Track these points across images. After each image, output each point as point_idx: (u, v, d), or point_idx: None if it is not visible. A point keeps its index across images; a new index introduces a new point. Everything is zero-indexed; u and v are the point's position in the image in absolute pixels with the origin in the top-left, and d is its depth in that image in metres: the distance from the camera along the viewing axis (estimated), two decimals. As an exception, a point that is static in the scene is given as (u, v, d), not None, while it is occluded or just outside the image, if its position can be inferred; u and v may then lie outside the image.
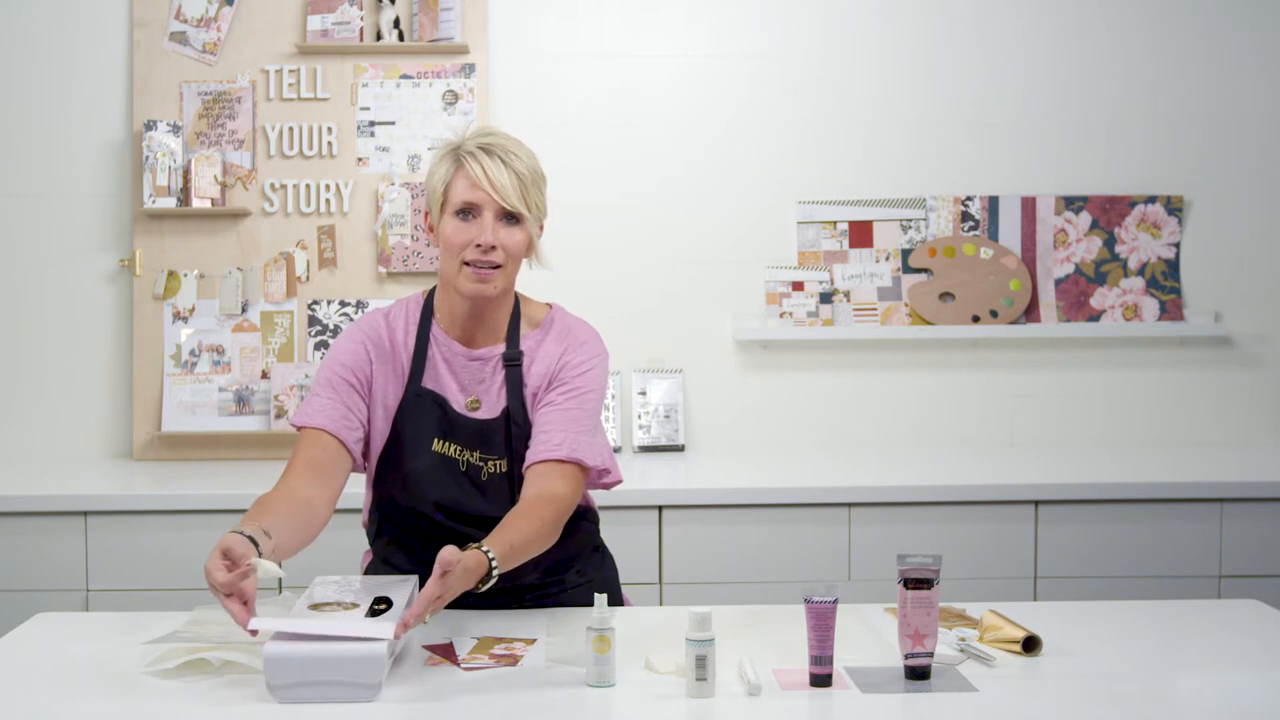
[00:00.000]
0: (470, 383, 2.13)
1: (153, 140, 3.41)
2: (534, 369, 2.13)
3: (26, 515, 2.93)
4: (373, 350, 2.12)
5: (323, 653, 1.69)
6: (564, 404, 2.09)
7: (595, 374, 2.13)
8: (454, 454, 2.10)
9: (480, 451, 2.10)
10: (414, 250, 3.45)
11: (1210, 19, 3.59)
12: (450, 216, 2.05)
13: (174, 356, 3.46)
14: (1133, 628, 2.06)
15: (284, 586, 2.91)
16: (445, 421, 2.10)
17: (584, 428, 2.09)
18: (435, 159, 2.10)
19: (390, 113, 3.49)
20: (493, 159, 2.03)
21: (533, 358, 2.13)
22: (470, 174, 2.03)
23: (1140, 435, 3.60)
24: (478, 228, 2.04)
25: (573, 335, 2.16)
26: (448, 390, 2.12)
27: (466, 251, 2.04)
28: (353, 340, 2.13)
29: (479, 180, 2.02)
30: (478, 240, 2.03)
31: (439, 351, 2.13)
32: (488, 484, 2.10)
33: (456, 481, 2.09)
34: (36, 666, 1.87)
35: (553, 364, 2.12)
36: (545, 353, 2.13)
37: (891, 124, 3.58)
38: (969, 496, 2.99)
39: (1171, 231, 3.59)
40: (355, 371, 2.10)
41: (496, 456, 2.10)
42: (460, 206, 2.04)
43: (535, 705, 1.71)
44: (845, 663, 1.84)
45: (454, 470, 2.09)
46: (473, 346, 2.13)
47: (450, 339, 2.13)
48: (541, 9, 3.55)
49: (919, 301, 3.55)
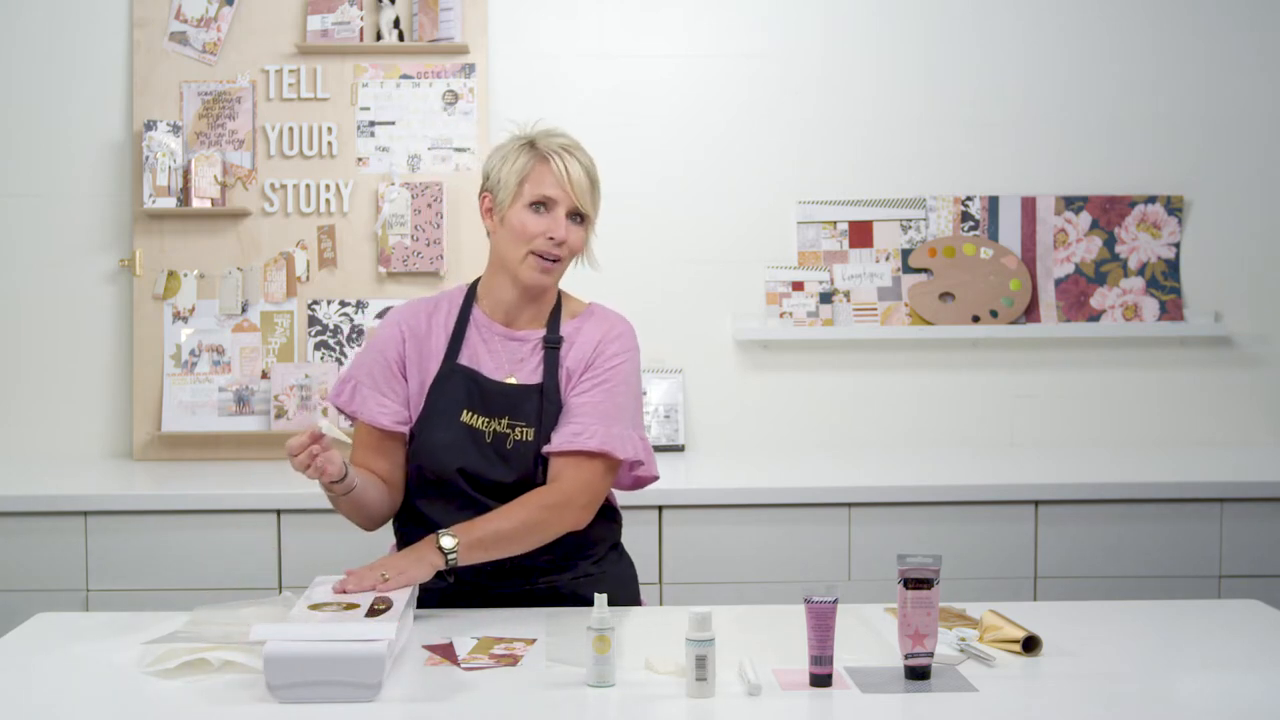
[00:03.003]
0: (508, 361, 2.22)
1: (153, 140, 3.41)
2: (572, 352, 2.22)
3: (26, 515, 2.93)
4: (408, 332, 2.24)
5: (323, 653, 1.69)
6: (593, 395, 2.18)
7: (627, 367, 2.23)
8: (480, 425, 2.17)
9: (509, 418, 2.17)
10: (414, 250, 3.45)
11: (1210, 19, 3.59)
12: (523, 208, 2.15)
13: (174, 356, 3.46)
14: (1133, 628, 2.06)
15: (284, 587, 2.91)
16: (476, 392, 2.19)
17: (614, 419, 2.17)
18: (504, 150, 2.20)
19: (390, 113, 3.49)
20: (572, 160, 2.16)
21: (572, 342, 2.23)
22: (553, 171, 2.15)
23: (1140, 435, 3.60)
24: (551, 221, 2.15)
25: (611, 326, 2.26)
26: (483, 365, 2.21)
27: (536, 242, 2.15)
28: (391, 325, 2.26)
29: (561, 178, 2.15)
30: (550, 233, 2.15)
31: (478, 332, 2.23)
32: (512, 453, 2.17)
33: (480, 451, 2.16)
34: (36, 666, 1.88)
35: (589, 350, 2.21)
36: (584, 338, 2.23)
37: (891, 124, 3.58)
38: (969, 496, 2.98)
39: (1171, 231, 3.59)
40: (392, 353, 2.23)
41: (524, 424, 2.17)
42: (537, 200, 2.15)
43: (535, 705, 1.71)
44: (845, 663, 1.84)
45: (479, 440, 2.17)
46: (514, 328, 2.23)
47: (491, 320, 2.24)
48: (541, 9, 3.55)
49: (919, 301, 3.55)
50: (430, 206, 3.45)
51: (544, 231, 2.15)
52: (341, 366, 3.45)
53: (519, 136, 2.21)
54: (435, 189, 3.45)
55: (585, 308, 2.30)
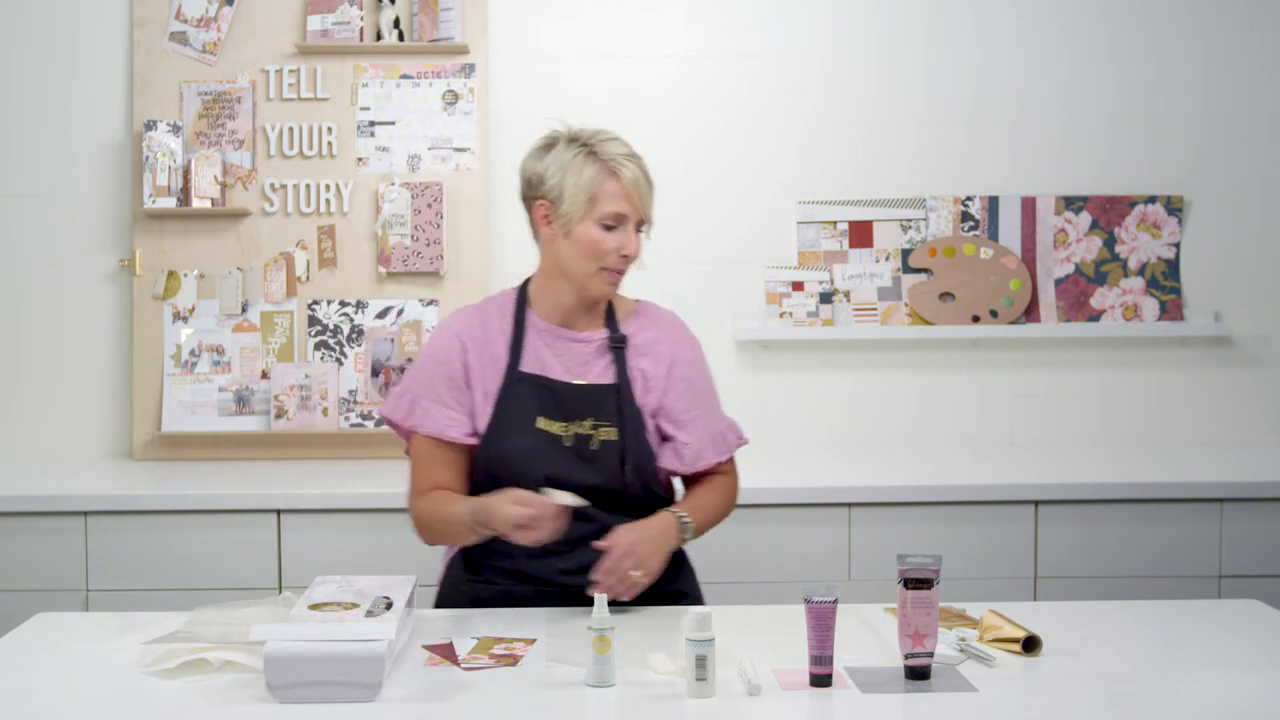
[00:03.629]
0: (574, 363, 2.21)
1: (153, 140, 3.41)
2: (639, 352, 2.24)
3: (26, 515, 2.93)
4: (469, 341, 2.21)
5: (323, 653, 1.69)
6: (697, 408, 2.25)
7: (704, 362, 2.33)
8: (558, 430, 2.16)
9: (592, 419, 2.18)
10: (414, 250, 3.45)
11: (1210, 19, 3.59)
12: (594, 224, 2.13)
13: (174, 356, 3.46)
14: (1133, 628, 2.07)
15: (284, 587, 2.91)
16: (550, 398, 2.17)
17: (721, 420, 2.29)
18: (562, 159, 2.15)
19: (390, 113, 3.49)
20: (637, 168, 2.15)
21: (634, 342, 2.25)
22: (624, 185, 2.13)
23: (1140, 435, 3.60)
24: (623, 236, 2.15)
25: (674, 326, 2.32)
26: (551, 370, 2.19)
27: (609, 258, 2.15)
28: (448, 333, 2.23)
29: (631, 193, 2.14)
30: (624, 250, 2.15)
31: (539, 336, 2.21)
32: (597, 454, 2.17)
33: (563, 456, 2.15)
34: (36, 666, 1.88)
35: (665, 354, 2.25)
36: (646, 337, 2.26)
37: (891, 124, 3.58)
38: (969, 496, 2.98)
39: (1171, 231, 3.59)
40: (454, 366, 2.19)
41: (608, 424, 2.18)
42: (610, 218, 2.13)
43: (535, 705, 1.71)
44: (845, 663, 1.84)
45: (558, 446, 2.16)
46: (574, 330, 2.23)
47: (551, 324, 2.22)
48: (541, 9, 3.55)
49: (919, 301, 3.55)
50: (430, 206, 3.45)
51: (617, 249, 2.14)
52: (341, 367, 3.45)
53: (573, 141, 2.16)
54: (435, 189, 3.45)
55: (635, 304, 2.32)
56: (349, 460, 3.43)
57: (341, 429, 3.43)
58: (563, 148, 2.16)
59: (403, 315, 3.47)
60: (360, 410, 3.44)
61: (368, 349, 3.47)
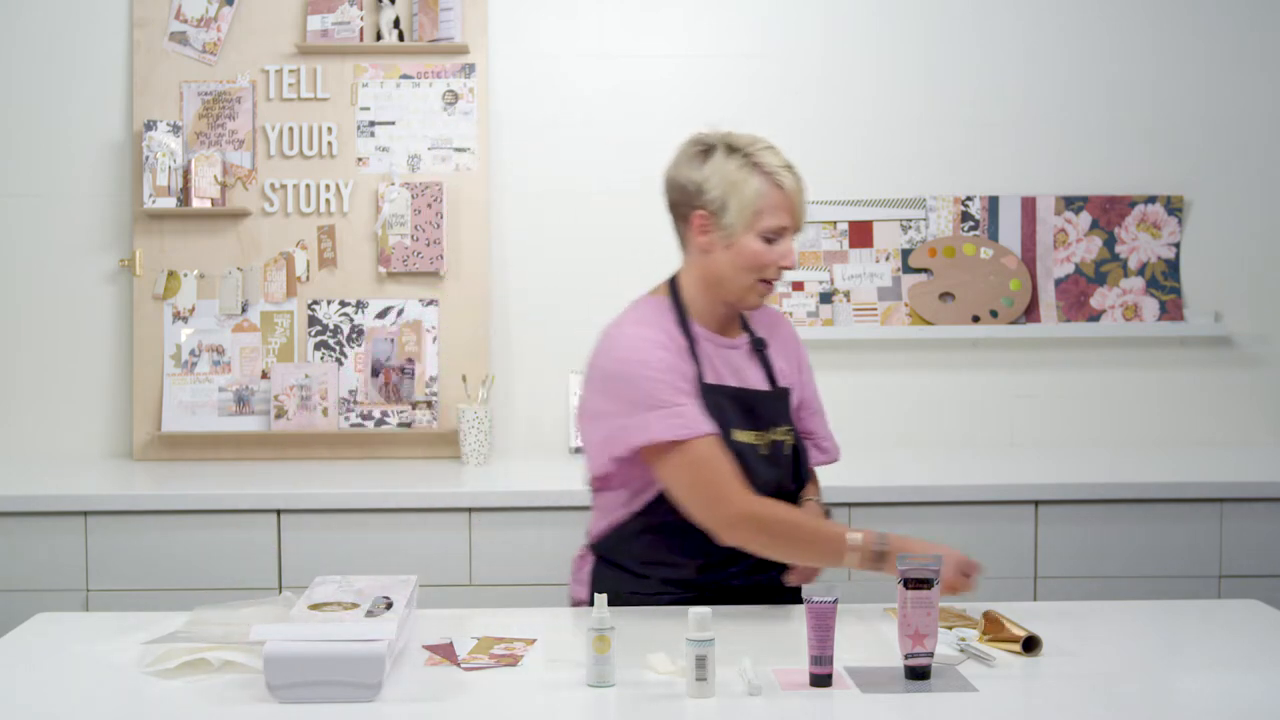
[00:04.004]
0: (736, 369, 2.21)
1: (153, 140, 3.41)
2: (772, 349, 2.28)
3: (26, 515, 2.93)
4: (675, 349, 2.13)
5: (323, 653, 1.69)
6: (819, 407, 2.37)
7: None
8: (753, 440, 2.16)
9: (785, 425, 2.22)
10: (414, 250, 3.45)
11: (1210, 19, 3.59)
12: (756, 237, 2.11)
13: (174, 356, 3.46)
14: (1133, 628, 2.07)
15: (284, 587, 2.91)
16: (740, 408, 2.16)
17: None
18: (723, 169, 2.10)
19: (390, 113, 3.49)
20: (795, 178, 2.13)
21: (768, 342, 2.28)
22: (787, 197, 2.11)
23: (1140, 435, 3.60)
24: (783, 248, 2.13)
25: (786, 322, 2.37)
26: (727, 379, 2.19)
27: (768, 270, 2.14)
28: (651, 346, 2.11)
29: (794, 205, 2.12)
30: (783, 261, 2.13)
31: (705, 346, 2.19)
32: (783, 458, 2.21)
33: (765, 465, 2.16)
34: (36, 666, 1.88)
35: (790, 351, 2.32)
36: (773, 334, 2.31)
37: (891, 124, 3.58)
38: (969, 496, 2.98)
39: (1171, 231, 3.59)
40: (682, 369, 2.11)
41: (789, 426, 2.24)
42: (772, 231, 2.11)
43: (535, 705, 1.71)
44: (845, 663, 1.84)
45: (754, 455, 2.15)
46: (727, 336, 2.23)
47: (710, 332, 2.21)
48: (541, 9, 3.55)
49: (919, 301, 3.55)
50: (430, 206, 3.45)
51: (776, 260, 2.13)
52: (341, 367, 3.45)
53: (732, 151, 2.11)
54: (435, 189, 3.45)
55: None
56: (349, 460, 3.43)
57: (341, 429, 3.43)
58: (722, 157, 2.11)
59: (403, 315, 3.47)
60: (360, 410, 3.44)
61: (368, 349, 3.47)
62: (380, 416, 3.44)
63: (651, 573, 2.19)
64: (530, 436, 3.54)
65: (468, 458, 3.31)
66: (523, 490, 2.98)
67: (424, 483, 3.10)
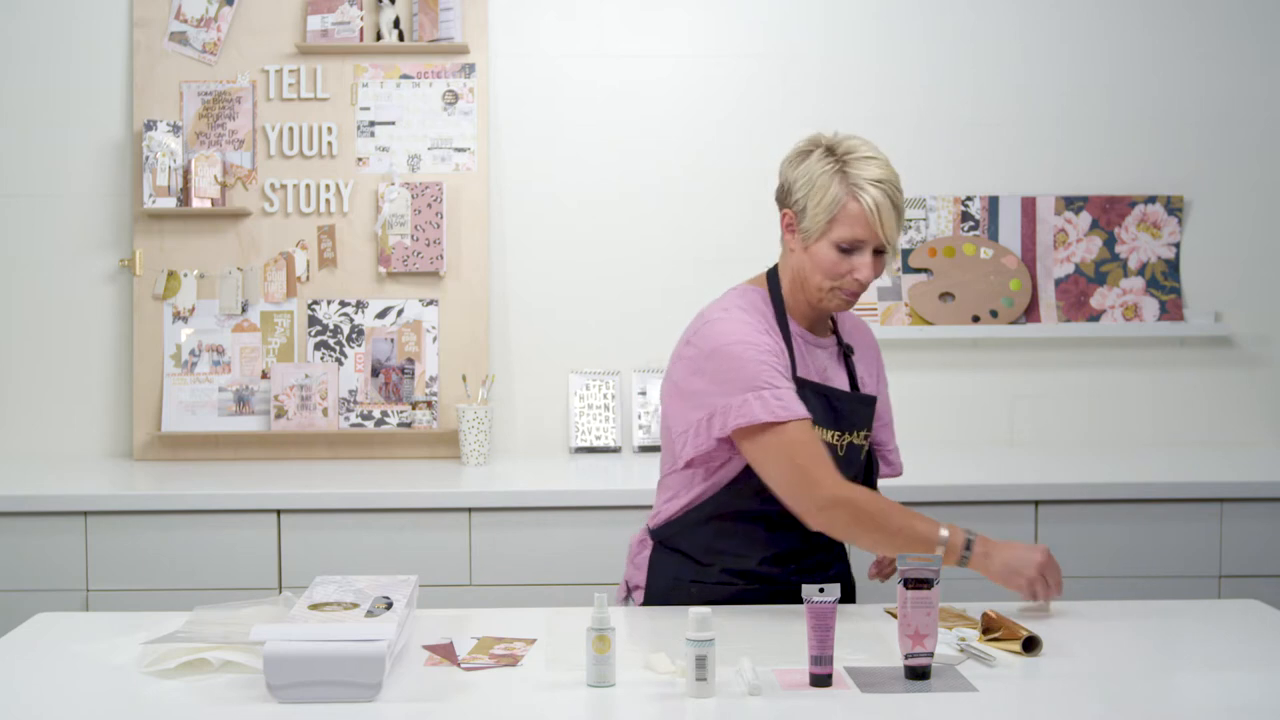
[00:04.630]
0: (821, 367, 2.23)
1: (153, 140, 3.41)
2: (857, 357, 2.31)
3: (26, 515, 2.93)
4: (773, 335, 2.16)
5: (323, 653, 1.69)
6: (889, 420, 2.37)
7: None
8: (832, 440, 2.18)
9: (865, 430, 2.23)
10: (414, 250, 3.45)
11: (1210, 19, 3.59)
12: (830, 245, 2.11)
13: (174, 356, 3.46)
14: (1133, 628, 2.07)
15: (284, 587, 2.91)
16: (828, 406, 2.17)
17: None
18: (811, 171, 2.12)
19: (390, 113, 3.49)
20: (881, 194, 2.09)
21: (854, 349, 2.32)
22: (866, 212, 2.08)
23: (1140, 435, 3.60)
24: (858, 262, 2.11)
25: (869, 331, 2.38)
26: (814, 376, 2.20)
27: (843, 280, 2.13)
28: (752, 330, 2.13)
29: (873, 222, 2.08)
30: (858, 275, 2.12)
31: (798, 341, 2.21)
32: (860, 463, 2.26)
33: (840, 465, 2.14)
34: (36, 666, 1.88)
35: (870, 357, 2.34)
36: (856, 342, 2.33)
37: (891, 124, 3.57)
38: (969, 496, 2.98)
39: (1171, 231, 3.59)
40: (779, 355, 2.13)
41: (866, 430, 2.26)
42: (846, 242, 2.10)
43: (535, 705, 1.71)
44: (845, 663, 1.84)
45: (834, 456, 2.15)
46: (817, 335, 2.26)
47: (801, 329, 2.23)
48: (541, 9, 3.55)
49: (919, 301, 3.55)
50: (430, 206, 3.45)
51: (850, 272, 2.12)
52: (341, 367, 3.45)
53: (828, 154, 2.12)
54: (435, 189, 3.45)
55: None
56: (349, 460, 3.43)
57: (341, 429, 3.43)
58: (816, 159, 2.13)
59: (403, 315, 3.47)
60: (360, 410, 3.44)
61: (368, 349, 3.47)
62: (380, 416, 3.44)
63: (715, 560, 2.21)
64: (530, 436, 3.55)
65: (467, 458, 3.31)
66: (523, 490, 2.98)
67: (424, 483, 3.10)
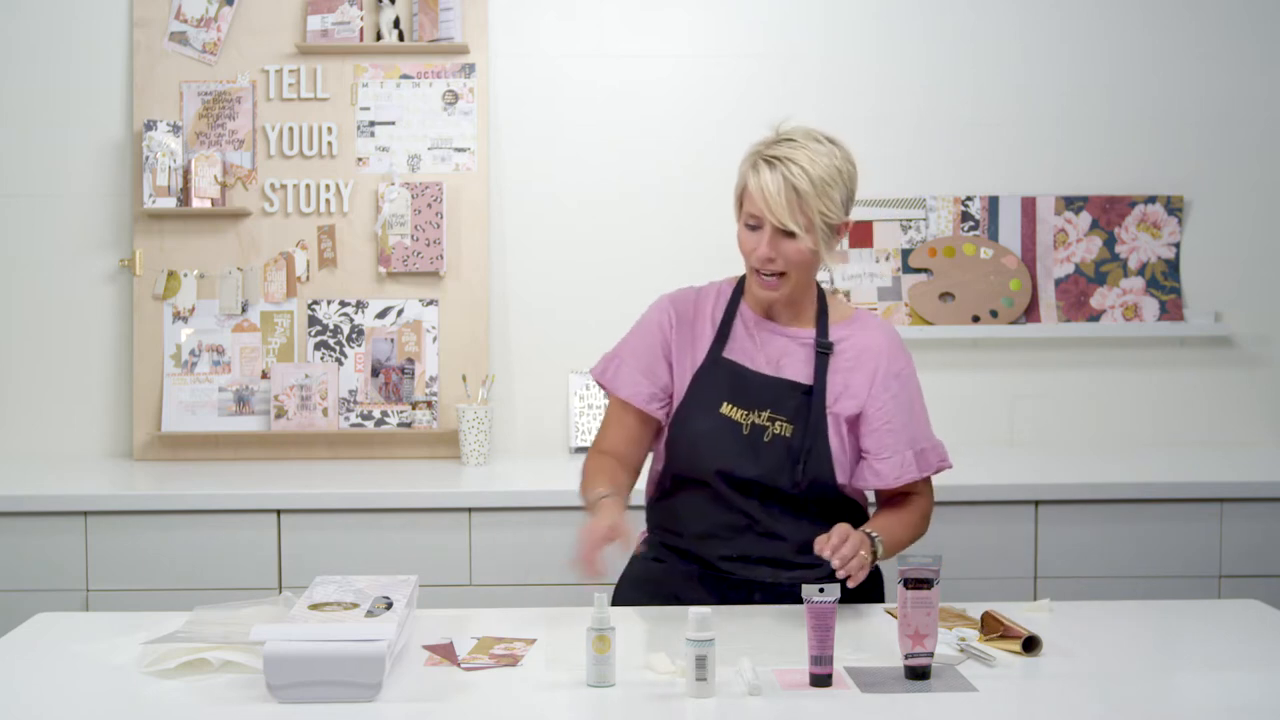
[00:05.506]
0: (775, 356, 2.22)
1: (153, 140, 3.41)
2: (844, 356, 2.21)
3: (26, 515, 2.93)
4: (675, 317, 2.26)
5: (323, 653, 1.69)
6: (898, 421, 2.19)
7: (914, 378, 2.25)
8: (739, 417, 2.18)
9: (770, 411, 2.18)
10: (414, 250, 3.45)
11: (1210, 19, 3.59)
12: (742, 225, 2.16)
13: (174, 356, 3.46)
14: (1133, 628, 2.07)
15: (284, 587, 2.91)
16: (738, 384, 2.19)
17: (926, 439, 2.23)
18: (746, 154, 2.16)
19: (390, 113, 3.49)
20: (774, 173, 2.08)
21: (842, 350, 2.22)
22: (755, 190, 2.10)
23: (1140, 435, 3.60)
24: (758, 238, 2.13)
25: (888, 337, 2.25)
26: (751, 358, 2.21)
27: (752, 259, 2.16)
28: (659, 309, 2.29)
29: (757, 196, 2.10)
30: (758, 253, 2.13)
31: (744, 326, 2.24)
32: (768, 447, 2.17)
33: (736, 445, 2.17)
34: (36, 666, 1.88)
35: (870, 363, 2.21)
36: (852, 346, 2.23)
37: (891, 124, 3.58)
38: (969, 496, 2.98)
39: (1171, 231, 3.59)
40: (658, 337, 2.25)
41: (785, 419, 2.18)
42: (750, 219, 2.14)
43: (535, 705, 1.71)
44: (845, 663, 1.84)
45: (736, 434, 2.17)
46: (781, 324, 2.24)
47: (757, 316, 2.24)
48: (541, 9, 3.55)
49: (919, 301, 3.55)
50: (430, 206, 3.45)
51: (752, 250, 2.14)
52: (341, 367, 3.45)
53: (761, 140, 2.16)
54: (435, 189, 3.45)
55: (852, 313, 2.30)
56: (349, 460, 3.43)
57: (341, 429, 3.43)
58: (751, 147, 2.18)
59: (403, 315, 3.47)
60: (360, 410, 3.44)
61: (368, 349, 3.47)
62: (380, 416, 3.44)
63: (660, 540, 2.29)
64: (530, 436, 3.55)
65: (467, 458, 3.31)
66: (523, 490, 2.98)
67: (424, 483, 3.10)
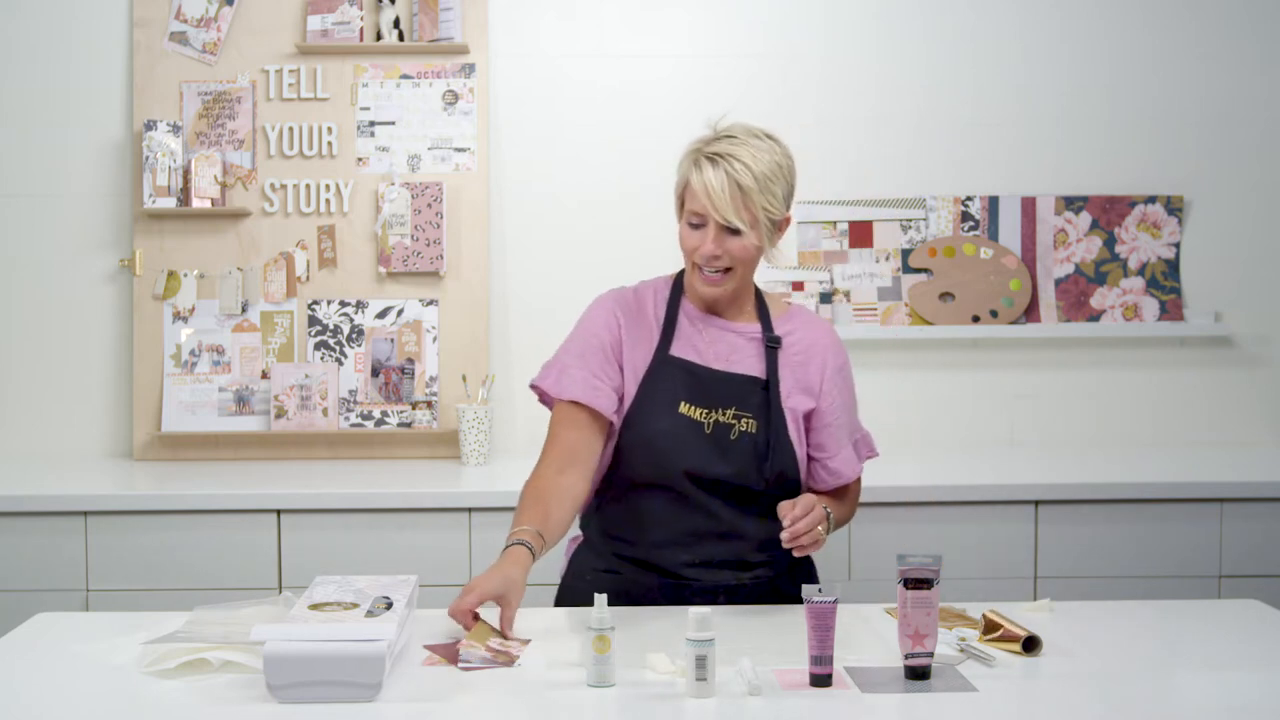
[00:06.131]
0: (725, 351, 2.21)
1: (153, 140, 3.41)
2: (792, 350, 2.23)
3: (26, 515, 2.93)
4: (622, 316, 2.23)
5: (323, 653, 1.69)
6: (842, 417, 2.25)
7: (850, 372, 2.31)
8: (700, 417, 2.16)
9: (735, 408, 2.17)
10: (414, 250, 3.45)
11: (1210, 19, 3.59)
12: (684, 223, 2.16)
13: (174, 356, 3.46)
14: (1133, 628, 2.06)
15: (284, 587, 2.92)
16: (694, 384, 2.17)
17: (858, 431, 2.32)
18: (685, 151, 2.16)
19: (390, 113, 3.49)
20: (717, 170, 2.08)
21: (788, 345, 2.24)
22: (699, 187, 2.10)
23: (1140, 435, 3.60)
24: (702, 237, 2.13)
25: (828, 333, 2.29)
26: (702, 356, 2.20)
27: (695, 256, 2.15)
28: (602, 308, 2.25)
29: (701, 194, 2.09)
30: (702, 250, 2.13)
31: (690, 323, 2.22)
32: (735, 445, 2.16)
33: (701, 444, 2.15)
34: (36, 666, 1.88)
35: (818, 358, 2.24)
36: (798, 340, 2.25)
37: (891, 124, 3.58)
38: (969, 496, 2.98)
39: (1171, 231, 3.59)
40: (606, 337, 2.21)
41: (750, 416, 2.17)
42: (692, 216, 2.13)
43: (535, 705, 1.71)
44: (845, 663, 1.84)
45: (699, 433, 2.15)
46: (725, 319, 2.23)
47: (700, 311, 2.23)
48: (541, 9, 3.55)
49: (919, 301, 3.55)
50: (430, 206, 3.45)
51: (696, 248, 2.13)
52: (341, 367, 3.45)
53: (699, 138, 2.15)
54: (435, 189, 3.45)
55: (787, 308, 2.31)
56: (349, 460, 3.43)
57: (341, 429, 3.43)
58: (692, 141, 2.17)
59: (403, 315, 3.47)
60: (360, 410, 3.44)
61: (368, 349, 3.47)
62: (380, 416, 3.44)
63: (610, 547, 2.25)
64: (530, 436, 3.54)
65: (467, 458, 3.31)
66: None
67: (424, 483, 3.10)
